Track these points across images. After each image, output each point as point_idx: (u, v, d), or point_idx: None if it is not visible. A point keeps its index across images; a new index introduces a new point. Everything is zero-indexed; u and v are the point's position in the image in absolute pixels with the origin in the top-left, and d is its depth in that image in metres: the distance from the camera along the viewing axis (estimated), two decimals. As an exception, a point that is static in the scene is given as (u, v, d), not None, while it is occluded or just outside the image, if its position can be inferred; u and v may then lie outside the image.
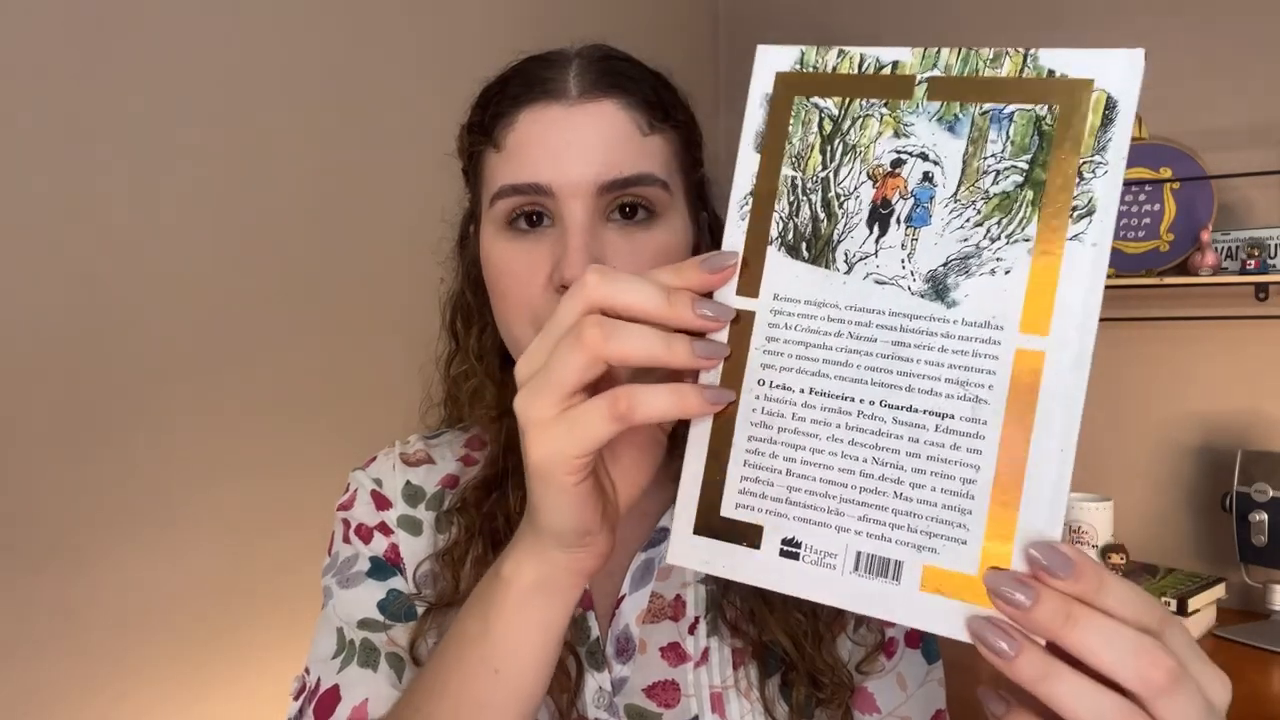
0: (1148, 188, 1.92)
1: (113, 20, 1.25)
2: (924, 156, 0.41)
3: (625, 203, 0.60)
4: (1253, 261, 1.77)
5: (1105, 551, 1.79)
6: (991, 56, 0.41)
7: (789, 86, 0.44)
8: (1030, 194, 0.39)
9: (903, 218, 0.42)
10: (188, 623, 1.32)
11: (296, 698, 0.65)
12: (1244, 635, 1.66)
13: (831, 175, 0.43)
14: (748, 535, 0.44)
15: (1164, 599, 1.64)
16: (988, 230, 0.40)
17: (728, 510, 0.44)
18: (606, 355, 0.42)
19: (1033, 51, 0.40)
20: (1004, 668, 0.36)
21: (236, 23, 1.39)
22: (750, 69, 0.45)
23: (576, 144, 0.59)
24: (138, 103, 1.28)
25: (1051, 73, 0.39)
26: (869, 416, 0.41)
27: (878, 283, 0.41)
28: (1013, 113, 0.40)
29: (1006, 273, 0.39)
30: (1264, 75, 1.84)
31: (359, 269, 1.57)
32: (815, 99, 0.44)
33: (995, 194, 0.40)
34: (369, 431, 0.82)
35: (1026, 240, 0.39)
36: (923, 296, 0.41)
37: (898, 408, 0.40)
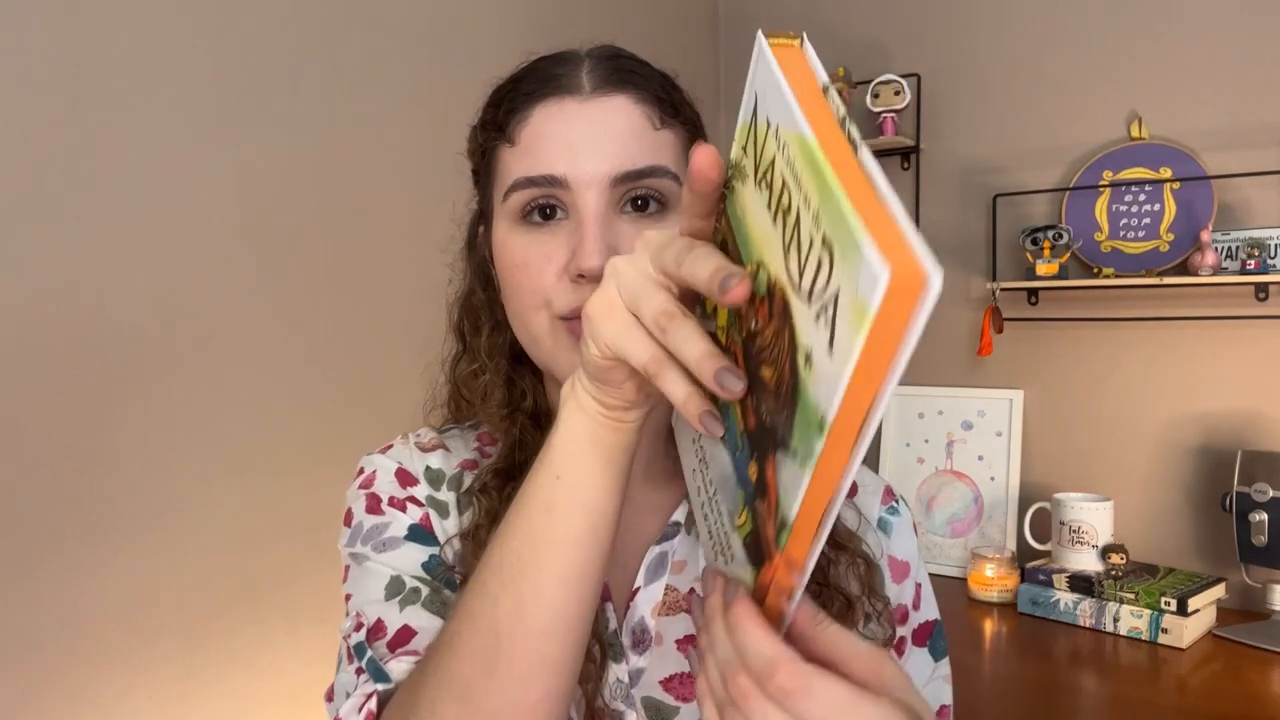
0: (1148, 188, 1.92)
1: (115, 18, 1.25)
2: None
3: (638, 195, 0.61)
4: (1253, 261, 1.77)
5: (1105, 551, 1.79)
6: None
7: None
8: None
9: None
10: (188, 623, 1.32)
11: (354, 633, 0.62)
12: (1244, 635, 1.66)
13: None
14: None
15: (1164, 599, 1.64)
16: None
17: None
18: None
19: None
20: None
21: (246, 23, 1.39)
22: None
23: (591, 137, 0.60)
24: (141, 101, 1.28)
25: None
26: None
27: None
28: None
29: None
30: (1264, 75, 1.84)
31: (361, 268, 1.57)
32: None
33: None
34: (371, 431, 0.82)
35: None
36: None
37: None
